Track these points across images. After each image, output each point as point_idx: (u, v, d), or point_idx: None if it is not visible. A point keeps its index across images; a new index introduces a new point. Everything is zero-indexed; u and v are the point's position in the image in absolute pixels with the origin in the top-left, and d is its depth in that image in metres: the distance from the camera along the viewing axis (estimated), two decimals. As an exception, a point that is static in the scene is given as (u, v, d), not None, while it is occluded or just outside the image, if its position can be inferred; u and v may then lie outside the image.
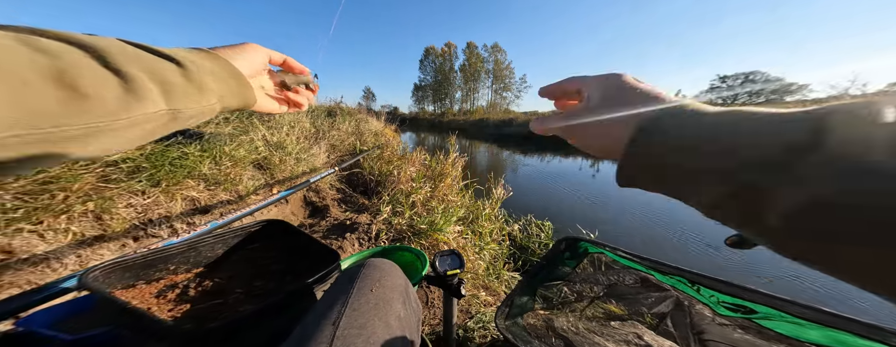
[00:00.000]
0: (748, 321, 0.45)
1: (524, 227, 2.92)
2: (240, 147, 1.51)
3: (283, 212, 1.55)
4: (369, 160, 2.53)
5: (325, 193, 1.97)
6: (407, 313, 0.39)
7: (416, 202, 1.80)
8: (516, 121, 17.10)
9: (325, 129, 2.94)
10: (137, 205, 0.97)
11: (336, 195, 2.09)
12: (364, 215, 1.61)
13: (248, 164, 1.49)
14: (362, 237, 1.35)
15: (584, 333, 0.91)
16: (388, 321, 0.35)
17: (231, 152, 1.42)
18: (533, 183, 5.71)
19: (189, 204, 1.12)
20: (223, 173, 1.31)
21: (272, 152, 1.75)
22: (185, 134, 1.33)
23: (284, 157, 1.80)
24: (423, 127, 26.17)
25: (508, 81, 38.59)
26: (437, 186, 2.19)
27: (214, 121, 1.79)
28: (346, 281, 0.40)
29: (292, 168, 1.83)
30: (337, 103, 4.17)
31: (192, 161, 1.20)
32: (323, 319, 0.33)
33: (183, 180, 1.14)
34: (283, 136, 2.04)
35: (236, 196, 1.31)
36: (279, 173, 1.69)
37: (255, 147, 1.64)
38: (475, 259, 1.60)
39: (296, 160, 1.92)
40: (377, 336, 0.32)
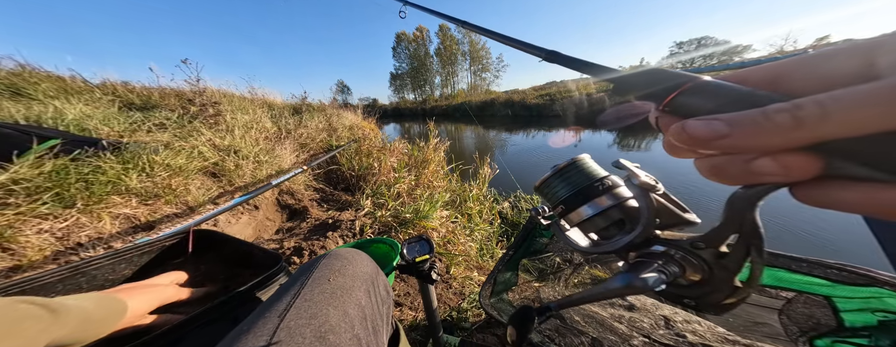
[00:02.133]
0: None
1: (514, 203, 2.97)
2: (177, 155, 1.39)
3: (255, 219, 1.49)
4: (347, 156, 2.46)
5: (301, 194, 1.90)
6: (371, 301, 0.38)
7: (400, 192, 1.78)
8: (498, 100, 16.91)
9: (290, 127, 2.77)
10: (53, 230, 0.89)
11: (314, 195, 2.03)
12: (347, 212, 1.58)
13: (192, 172, 1.38)
14: (346, 234, 1.33)
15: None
16: (346, 309, 0.33)
17: (166, 161, 1.31)
18: (520, 159, 5.76)
19: (126, 222, 1.04)
20: (160, 184, 1.21)
21: (224, 158, 1.65)
22: (96, 146, 1.17)
23: (240, 161, 1.70)
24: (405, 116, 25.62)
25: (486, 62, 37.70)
26: (421, 173, 2.17)
27: (144, 128, 1.64)
28: (300, 273, 0.39)
29: (253, 172, 1.74)
30: (303, 100, 3.91)
31: (111, 175, 1.10)
32: (268, 311, 0.31)
33: (107, 197, 1.04)
34: (235, 139, 1.91)
35: (186, 209, 1.23)
36: (238, 180, 1.60)
37: (199, 153, 1.52)
38: (466, 241, 1.62)
39: (256, 163, 1.81)
40: (330, 325, 0.31)
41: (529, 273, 1.01)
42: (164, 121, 1.80)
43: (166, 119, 1.83)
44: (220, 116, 2.14)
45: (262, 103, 3.27)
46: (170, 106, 2.12)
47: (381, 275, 0.45)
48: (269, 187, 1.29)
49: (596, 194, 0.23)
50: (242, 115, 2.44)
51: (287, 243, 1.31)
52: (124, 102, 2.10)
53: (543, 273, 0.99)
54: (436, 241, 1.45)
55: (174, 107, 2.11)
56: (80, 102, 1.75)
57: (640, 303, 0.84)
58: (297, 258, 1.18)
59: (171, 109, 2.06)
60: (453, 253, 1.41)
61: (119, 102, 2.03)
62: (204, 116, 2.04)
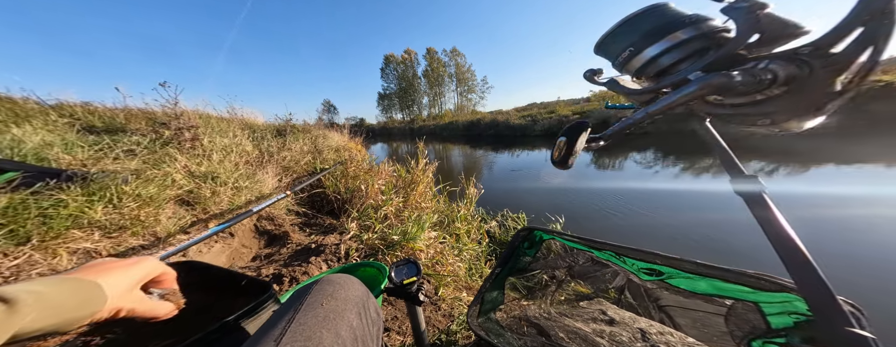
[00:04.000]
0: (662, 282, 0.52)
1: (501, 222, 3.02)
2: (148, 184, 1.33)
3: (230, 246, 1.43)
4: (332, 178, 2.43)
5: (281, 219, 1.82)
6: (362, 323, 0.40)
7: (388, 215, 1.79)
8: (484, 121, 17.57)
9: (273, 150, 2.67)
10: (1, 269, 0.84)
11: (296, 220, 1.97)
12: (331, 236, 1.56)
13: (164, 201, 1.32)
14: (330, 259, 1.31)
15: (555, 317, 0.97)
16: (338, 332, 0.35)
17: (135, 191, 1.25)
18: (506, 178, 5.91)
19: (85, 257, 0.98)
20: (127, 216, 1.15)
21: (200, 185, 1.56)
22: (59, 177, 1.13)
23: (217, 188, 1.61)
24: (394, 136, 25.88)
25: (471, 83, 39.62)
26: (410, 195, 2.19)
27: (111, 155, 1.55)
28: (294, 299, 0.40)
29: (231, 199, 1.65)
30: (287, 121, 3.81)
31: (73, 208, 1.04)
32: (264, 336, 0.33)
33: (66, 232, 0.99)
34: (213, 164, 1.83)
35: (154, 239, 1.17)
36: (214, 207, 1.52)
37: (172, 181, 1.45)
38: (455, 262, 1.63)
39: (234, 190, 1.72)
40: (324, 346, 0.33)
41: (517, 291, 1.04)
42: (133, 147, 1.69)
43: (136, 144, 1.73)
44: (198, 141, 2.04)
45: (243, 125, 3.18)
46: (140, 130, 2.00)
47: (372, 298, 0.47)
48: (249, 214, 1.24)
49: (676, 27, 0.23)
50: (221, 138, 2.33)
51: (265, 270, 1.27)
52: (85, 124, 1.96)
53: (532, 291, 1.02)
54: (424, 262, 1.45)
55: (145, 131, 1.99)
56: (40, 129, 1.65)
57: (620, 317, 0.88)
58: (277, 285, 1.14)
59: (142, 133, 1.96)
60: (442, 274, 1.42)
61: (79, 125, 1.89)
62: (179, 141, 1.95)
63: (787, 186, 3.72)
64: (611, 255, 0.60)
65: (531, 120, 14.39)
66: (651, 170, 5.53)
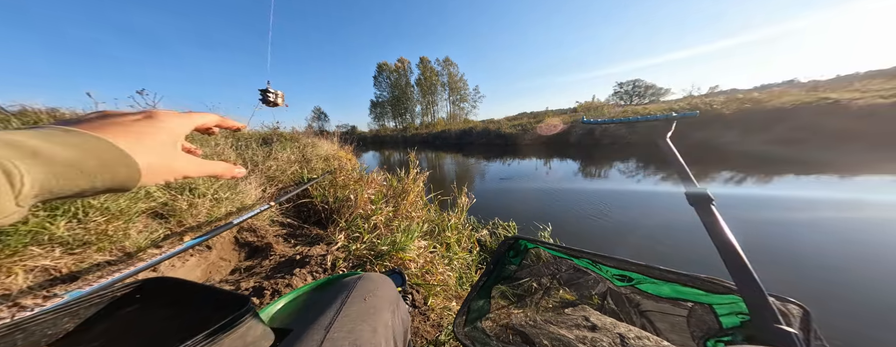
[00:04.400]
0: (633, 287, 0.56)
1: (492, 231, 3.05)
2: (119, 196, 1.28)
3: (207, 260, 1.38)
4: (320, 188, 2.39)
5: (264, 230, 1.78)
6: (395, 321, 0.44)
7: (377, 224, 1.78)
8: (476, 129, 17.81)
9: (258, 160, 2.59)
10: None
11: (280, 231, 1.91)
12: (318, 247, 1.53)
13: (135, 215, 1.26)
14: (316, 270, 1.28)
15: (540, 324, 1.00)
16: (375, 326, 0.38)
17: (103, 205, 1.19)
18: (497, 186, 5.98)
19: (43, 275, 0.94)
20: (93, 231, 1.09)
21: (176, 196, 1.50)
22: None
23: (195, 199, 1.55)
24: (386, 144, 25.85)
25: (464, 93, 40.31)
26: (400, 204, 2.19)
27: None
28: (341, 291, 0.43)
29: (210, 211, 1.60)
30: (274, 129, 3.70)
31: (34, 224, 0.99)
32: (315, 324, 0.36)
33: (24, 249, 0.95)
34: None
35: (122, 255, 1.11)
36: (191, 219, 1.47)
37: (145, 194, 1.39)
38: (445, 271, 1.64)
39: (214, 201, 1.66)
40: (363, 340, 0.35)
41: (506, 299, 1.06)
42: None
43: None
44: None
45: (227, 132, 3.19)
46: None
47: (401, 300, 0.50)
48: (229, 226, 1.20)
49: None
50: (202, 147, 2.28)
51: (245, 283, 1.24)
52: (51, 133, 1.91)
53: (521, 298, 1.04)
54: (414, 272, 1.45)
55: None
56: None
57: (601, 323, 0.91)
58: (257, 298, 1.11)
59: None
60: (431, 283, 1.42)
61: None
62: None
63: (745, 190, 4.00)
64: (588, 263, 0.63)
65: (521, 129, 14.71)
66: (633, 178, 5.74)
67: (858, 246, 2.30)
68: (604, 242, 2.85)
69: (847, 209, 2.98)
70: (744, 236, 0.35)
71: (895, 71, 13.65)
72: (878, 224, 2.65)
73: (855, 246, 2.30)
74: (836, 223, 2.70)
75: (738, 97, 9.36)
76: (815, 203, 3.27)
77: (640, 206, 3.87)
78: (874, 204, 3.12)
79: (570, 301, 1.14)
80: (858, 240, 2.39)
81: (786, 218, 2.90)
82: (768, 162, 5.69)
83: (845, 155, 5.49)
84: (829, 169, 4.77)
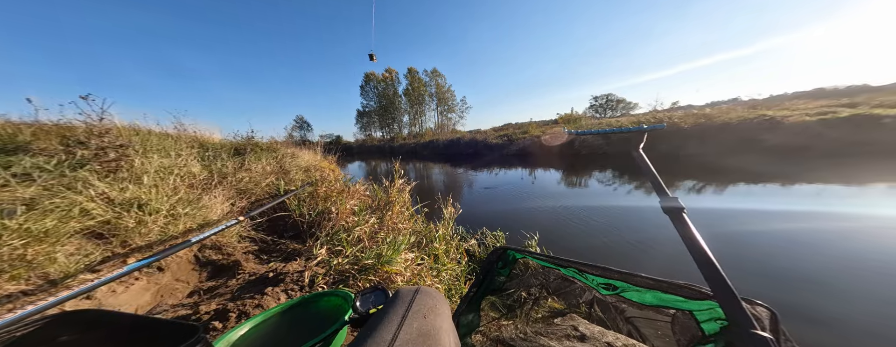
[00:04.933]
0: (618, 296, 0.57)
1: (481, 240, 3.03)
2: (46, 216, 1.11)
3: (157, 283, 1.25)
4: (299, 201, 2.29)
5: (232, 247, 1.64)
6: (452, 344, 0.41)
7: (361, 237, 1.73)
8: (463, 139, 18.06)
9: (227, 171, 2.40)
10: None
11: (251, 247, 1.79)
12: (294, 263, 1.45)
13: (65, 236, 1.12)
14: (291, 288, 1.20)
15: (530, 336, 0.98)
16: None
17: (24, 226, 1.04)
18: (485, 196, 6.01)
19: None
20: (7, 257, 0.97)
21: (122, 214, 1.35)
22: None
23: (145, 216, 1.40)
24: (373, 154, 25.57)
25: (451, 103, 41.06)
26: (385, 215, 2.15)
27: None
28: (398, 305, 0.41)
29: (164, 228, 1.45)
30: (248, 138, 3.44)
31: None
32: (378, 335, 0.35)
33: None
34: (143, 189, 1.57)
35: (44, 282, 0.99)
36: (139, 239, 1.32)
37: (80, 211, 1.24)
38: (433, 283, 1.59)
39: (170, 218, 1.51)
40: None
41: (497, 310, 1.04)
42: (30, 170, 1.40)
43: (38, 168, 1.43)
44: (125, 162, 1.75)
45: (193, 142, 2.86)
46: (48, 150, 1.65)
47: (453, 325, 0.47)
48: (187, 245, 1.09)
49: None
50: (160, 158, 2.06)
51: (205, 306, 1.13)
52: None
53: (512, 309, 1.03)
54: (401, 285, 1.40)
55: (55, 151, 1.65)
56: None
57: (590, 332, 0.91)
58: (219, 322, 1.01)
59: (50, 153, 1.62)
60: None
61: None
62: (101, 162, 1.66)
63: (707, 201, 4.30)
64: (575, 272, 0.64)
65: (507, 139, 15.06)
66: (610, 187, 6.01)
67: (799, 247, 2.53)
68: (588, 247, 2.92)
69: (791, 221, 3.27)
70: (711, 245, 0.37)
71: (814, 92, 17.32)
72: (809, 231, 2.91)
73: (796, 248, 2.53)
74: (784, 233, 2.94)
75: (694, 113, 10.48)
76: (763, 214, 3.56)
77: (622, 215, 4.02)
78: (805, 214, 3.46)
79: (559, 310, 1.14)
80: (800, 242, 2.64)
81: (740, 230, 3.10)
82: (722, 172, 6.31)
83: (784, 166, 6.20)
84: (774, 179, 5.31)
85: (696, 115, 9.87)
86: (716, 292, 0.32)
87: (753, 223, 3.20)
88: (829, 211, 3.42)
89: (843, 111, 7.60)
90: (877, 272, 2.04)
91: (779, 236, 2.83)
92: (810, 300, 1.81)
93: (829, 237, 2.69)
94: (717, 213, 3.64)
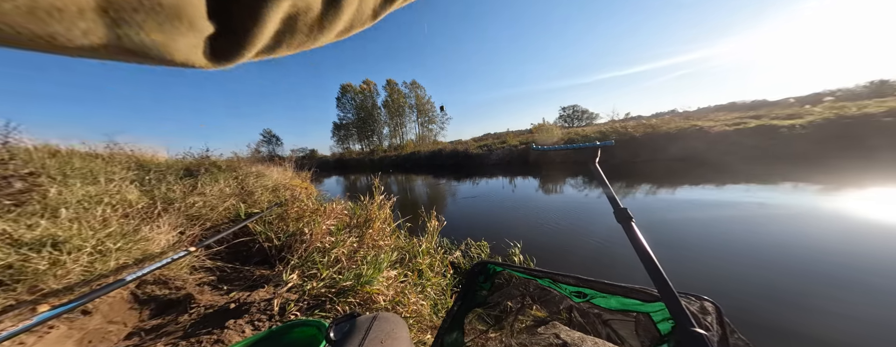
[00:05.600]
0: (589, 303, 0.60)
1: (465, 252, 3.02)
2: None
3: (82, 328, 1.07)
4: (264, 224, 2.12)
5: (181, 280, 1.46)
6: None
7: (339, 258, 1.66)
8: (445, 151, 18.23)
9: (175, 196, 2.16)
10: None
11: (206, 277, 1.58)
12: (261, 291, 1.35)
13: None
14: (258, 319, 1.11)
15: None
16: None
17: None
18: (468, 206, 6.05)
19: None
20: None
21: (28, 255, 1.17)
22: None
23: (62, 256, 1.21)
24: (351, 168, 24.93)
25: (432, 115, 41.57)
26: (365, 233, 2.09)
27: None
28: (357, 334, 0.41)
29: (88, 268, 1.28)
30: (203, 157, 3.11)
31: None
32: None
33: None
34: (58, 225, 1.37)
35: None
36: (54, 282, 1.14)
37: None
38: (417, 300, 1.56)
39: (96, 255, 1.32)
40: None
41: (484, 322, 1.04)
42: None
43: None
44: (36, 192, 1.52)
45: (131, 163, 2.55)
46: None
47: None
48: (120, 284, 0.93)
49: None
50: (86, 185, 1.81)
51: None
52: None
53: (498, 320, 1.03)
54: (383, 305, 1.35)
55: None
56: None
57: (570, 339, 0.94)
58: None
59: None
60: (404, 316, 1.33)
61: None
62: (2, 195, 1.46)
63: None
64: (549, 282, 0.67)
65: (488, 149, 15.45)
66: (582, 193, 6.37)
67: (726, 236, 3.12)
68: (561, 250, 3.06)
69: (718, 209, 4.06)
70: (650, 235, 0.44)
71: (729, 106, 22.55)
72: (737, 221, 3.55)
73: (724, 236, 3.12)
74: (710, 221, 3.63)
75: (643, 123, 11.78)
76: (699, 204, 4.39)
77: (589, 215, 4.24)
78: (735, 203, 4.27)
79: (542, 319, 1.16)
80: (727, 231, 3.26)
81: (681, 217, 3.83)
82: (672, 174, 7.25)
83: (712, 169, 7.33)
84: (707, 181, 6.23)
85: (645, 125, 11.19)
86: (661, 292, 0.36)
87: (692, 212, 4.04)
88: (745, 201, 4.29)
89: (752, 122, 9.12)
90: (773, 244, 2.81)
91: (710, 222, 3.58)
92: (724, 264, 2.49)
93: (744, 223, 3.44)
94: (665, 204, 4.47)
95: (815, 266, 2.32)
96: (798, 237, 2.89)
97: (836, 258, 2.39)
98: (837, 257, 2.41)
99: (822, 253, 2.50)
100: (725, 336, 0.41)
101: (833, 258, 2.39)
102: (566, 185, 7.44)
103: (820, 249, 2.58)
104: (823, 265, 2.31)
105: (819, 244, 2.66)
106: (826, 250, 2.55)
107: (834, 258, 2.39)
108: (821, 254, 2.49)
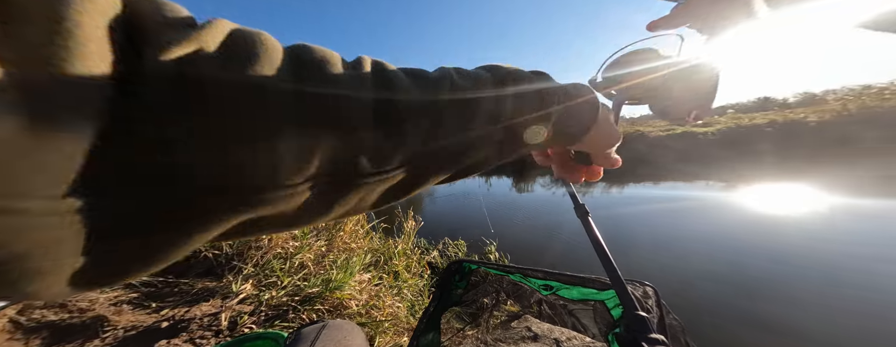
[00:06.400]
0: (555, 294, 0.63)
1: (442, 251, 3.03)
2: None
3: None
4: None
5: (87, 301, 1.19)
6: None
7: (305, 263, 1.56)
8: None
9: None
10: None
11: (125, 295, 1.32)
12: (205, 305, 1.19)
13: None
14: (200, 337, 0.98)
15: (491, 344, 1.01)
16: None
17: None
18: (445, 205, 6.08)
19: None
20: None
21: None
22: None
23: None
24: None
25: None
26: (335, 236, 2.00)
27: None
28: (299, 341, 0.39)
29: None
30: None
31: None
32: None
33: None
34: None
35: None
36: None
37: None
38: (393, 303, 1.52)
39: None
40: None
41: (462, 320, 1.05)
42: None
43: None
44: None
45: None
46: None
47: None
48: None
49: None
50: None
51: None
52: None
53: (475, 317, 1.04)
54: (356, 310, 1.30)
55: None
56: None
57: (541, 331, 0.99)
58: None
59: None
60: (379, 320, 1.30)
61: None
62: None
63: None
64: (520, 277, 0.69)
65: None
66: (550, 191, 6.78)
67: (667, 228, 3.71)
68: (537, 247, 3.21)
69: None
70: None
71: None
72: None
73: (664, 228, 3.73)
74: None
75: None
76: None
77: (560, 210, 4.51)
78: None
79: (515, 313, 1.20)
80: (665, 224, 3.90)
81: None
82: (623, 173, 8.23)
83: (652, 168, 8.64)
84: (647, 178, 7.45)
85: (599, 130, 13.40)
86: (611, 280, 0.38)
87: (638, 206, 4.94)
88: (672, 196, 5.42)
89: (678, 129, 10.57)
90: (694, 231, 3.51)
91: (645, 215, 4.32)
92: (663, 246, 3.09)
93: (670, 216, 4.24)
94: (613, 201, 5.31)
95: (721, 252, 2.91)
96: (709, 225, 3.68)
97: (735, 243, 3.07)
98: (735, 241, 3.10)
99: (727, 239, 3.20)
100: (662, 317, 0.45)
101: (733, 243, 3.07)
102: (536, 183, 7.86)
103: (725, 234, 3.33)
104: (726, 252, 2.90)
105: (724, 231, 3.44)
106: (730, 235, 3.31)
107: (734, 243, 3.07)
108: (726, 240, 3.17)
